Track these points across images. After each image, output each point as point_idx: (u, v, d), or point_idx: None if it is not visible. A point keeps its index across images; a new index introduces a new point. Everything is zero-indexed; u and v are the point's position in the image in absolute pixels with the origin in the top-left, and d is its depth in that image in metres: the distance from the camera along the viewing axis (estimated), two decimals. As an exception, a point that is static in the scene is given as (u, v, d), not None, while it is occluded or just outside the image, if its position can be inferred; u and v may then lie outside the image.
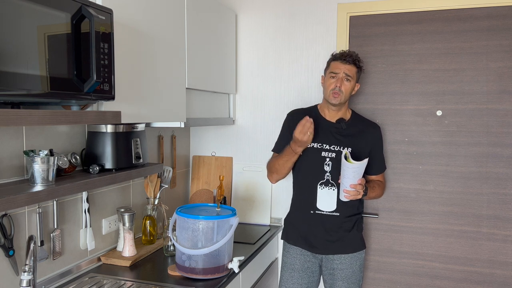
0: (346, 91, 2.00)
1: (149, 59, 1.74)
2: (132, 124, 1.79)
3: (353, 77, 2.01)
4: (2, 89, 1.03)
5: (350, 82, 2.00)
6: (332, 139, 2.05)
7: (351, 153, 1.99)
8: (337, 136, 2.06)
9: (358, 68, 2.03)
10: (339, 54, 2.04)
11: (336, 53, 2.07)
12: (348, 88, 2.00)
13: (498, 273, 2.30)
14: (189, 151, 2.85)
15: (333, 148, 2.04)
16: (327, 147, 2.04)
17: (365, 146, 2.06)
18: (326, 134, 2.06)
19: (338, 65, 2.00)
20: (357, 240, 2.09)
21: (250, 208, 2.66)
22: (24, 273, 1.47)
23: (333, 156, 2.02)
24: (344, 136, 2.06)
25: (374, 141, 2.10)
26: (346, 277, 2.05)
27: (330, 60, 2.08)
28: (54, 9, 1.17)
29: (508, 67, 2.22)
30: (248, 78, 2.69)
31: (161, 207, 2.26)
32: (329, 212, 2.04)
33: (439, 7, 2.29)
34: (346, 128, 2.06)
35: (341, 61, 2.00)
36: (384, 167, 2.19)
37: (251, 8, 2.65)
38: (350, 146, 2.03)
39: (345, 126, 2.06)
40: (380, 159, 2.16)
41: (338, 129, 2.07)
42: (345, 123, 2.07)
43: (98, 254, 1.97)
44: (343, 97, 2.00)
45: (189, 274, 1.78)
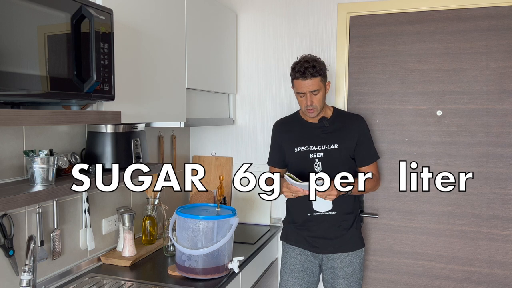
0: (318, 102, 1.98)
1: (149, 59, 1.74)
2: (132, 124, 1.79)
3: (320, 87, 1.95)
4: (2, 89, 1.03)
5: (320, 92, 1.96)
6: (317, 139, 2.05)
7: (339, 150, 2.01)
8: (322, 135, 2.06)
9: (321, 73, 1.95)
10: (297, 72, 1.93)
11: (295, 67, 1.96)
12: (319, 99, 1.97)
13: (498, 273, 2.30)
14: (189, 151, 2.85)
15: (320, 148, 2.04)
16: (313, 148, 2.04)
17: (351, 139, 2.05)
18: (310, 135, 2.07)
19: (300, 84, 1.94)
20: (356, 238, 2.09)
21: (250, 208, 2.66)
22: (24, 273, 1.47)
23: (321, 156, 2.03)
24: (328, 134, 2.06)
25: (359, 132, 2.07)
26: (347, 275, 2.06)
27: (291, 77, 1.99)
28: (54, 9, 1.17)
29: (508, 67, 2.22)
30: (248, 78, 2.69)
31: (161, 207, 2.26)
32: (326, 212, 2.04)
33: (439, 7, 2.29)
34: (329, 126, 2.06)
35: (302, 79, 1.93)
36: (375, 157, 2.12)
37: (251, 8, 2.65)
38: (335, 143, 2.03)
39: (327, 123, 2.06)
40: (369, 149, 2.10)
41: (322, 128, 2.07)
42: (327, 120, 2.07)
43: (98, 254, 1.97)
44: (318, 109, 1.99)
45: (189, 274, 1.77)
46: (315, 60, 1.96)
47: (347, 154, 2.04)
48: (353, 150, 2.06)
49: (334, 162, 2.02)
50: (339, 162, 2.02)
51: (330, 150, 2.03)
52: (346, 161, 2.04)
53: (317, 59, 1.97)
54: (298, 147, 2.06)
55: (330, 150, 2.03)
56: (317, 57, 1.98)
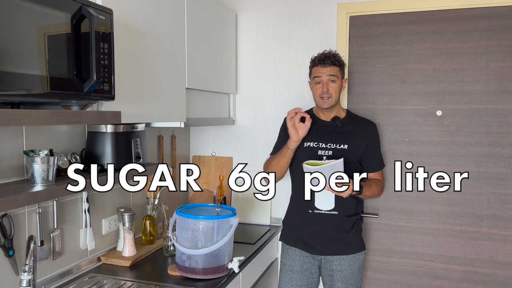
0: (334, 92, 2.01)
1: (149, 59, 1.74)
2: (132, 124, 1.79)
3: (338, 76, 2.01)
4: (2, 89, 1.03)
5: (336, 82, 2.00)
6: (328, 137, 2.06)
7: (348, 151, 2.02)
8: (333, 134, 2.07)
9: (340, 66, 2.02)
10: (317, 59, 2.03)
11: (315, 58, 2.05)
12: (335, 88, 2.01)
13: (498, 273, 2.30)
14: (189, 151, 2.84)
15: (330, 146, 2.04)
16: (323, 145, 2.05)
17: (361, 143, 2.06)
18: (321, 132, 2.08)
19: (319, 70, 2.01)
20: (356, 241, 2.09)
21: (250, 208, 2.66)
22: (24, 273, 1.47)
23: (330, 154, 2.03)
24: (339, 134, 2.07)
25: (369, 138, 2.10)
26: (345, 278, 2.05)
27: (310, 66, 2.08)
28: (54, 9, 1.17)
29: (508, 67, 2.22)
30: (248, 78, 2.69)
31: (161, 207, 2.26)
32: (327, 211, 2.04)
33: (439, 7, 2.29)
34: (341, 126, 2.07)
35: (321, 66, 2.00)
36: (382, 165, 2.17)
37: (251, 8, 2.65)
38: (345, 143, 2.04)
39: (340, 123, 2.07)
40: (377, 156, 2.14)
41: (334, 127, 2.08)
42: (340, 120, 2.08)
43: (98, 254, 1.97)
44: (333, 100, 2.01)
45: (189, 274, 1.77)
46: (336, 54, 2.04)
47: (354, 157, 2.04)
48: (361, 155, 2.07)
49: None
50: (347, 163, 2.02)
51: (339, 149, 2.03)
52: (353, 163, 2.04)
53: (338, 54, 2.05)
54: (308, 142, 2.06)
55: (339, 150, 2.03)
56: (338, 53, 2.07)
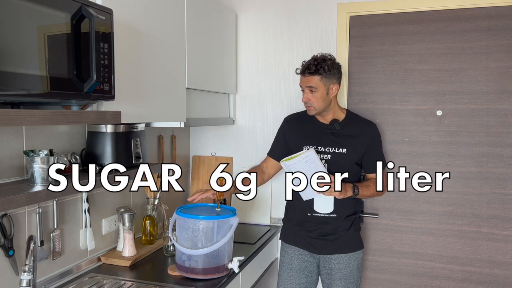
0: (316, 102, 1.98)
1: (149, 59, 1.74)
2: (132, 124, 1.79)
3: (318, 86, 1.95)
4: (2, 89, 1.03)
5: (317, 92, 1.96)
6: (326, 141, 2.05)
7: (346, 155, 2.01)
8: (332, 138, 2.05)
9: (323, 73, 1.94)
10: (300, 68, 2.02)
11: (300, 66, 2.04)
12: (317, 98, 1.97)
13: (498, 273, 2.30)
14: (189, 151, 2.84)
15: (328, 150, 2.03)
16: (322, 149, 2.04)
17: (361, 146, 2.05)
18: (320, 136, 2.06)
19: (301, 79, 2.01)
20: (355, 240, 2.09)
21: (250, 208, 2.66)
22: (24, 273, 1.47)
23: (328, 158, 2.02)
24: (339, 137, 2.05)
25: (370, 139, 2.07)
26: (344, 277, 2.05)
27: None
28: (54, 9, 1.17)
29: (508, 67, 2.22)
30: (248, 78, 2.69)
31: (161, 207, 2.26)
32: (326, 214, 2.04)
33: (439, 7, 2.29)
34: (340, 129, 2.05)
35: (302, 75, 2.01)
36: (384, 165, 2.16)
37: (251, 8, 2.65)
38: (344, 147, 2.02)
39: (338, 127, 2.05)
40: (379, 156, 2.12)
41: (332, 130, 2.06)
42: (338, 123, 2.06)
43: (98, 254, 1.97)
44: (315, 109, 2.00)
45: (189, 274, 1.77)
46: (324, 60, 1.96)
47: (353, 161, 2.03)
48: (361, 157, 2.05)
49: (340, 166, 2.01)
50: (345, 166, 2.02)
51: (338, 153, 2.02)
52: (352, 166, 2.04)
53: (327, 60, 1.96)
54: (307, 146, 2.05)
55: (338, 154, 2.02)
56: (329, 58, 1.98)
